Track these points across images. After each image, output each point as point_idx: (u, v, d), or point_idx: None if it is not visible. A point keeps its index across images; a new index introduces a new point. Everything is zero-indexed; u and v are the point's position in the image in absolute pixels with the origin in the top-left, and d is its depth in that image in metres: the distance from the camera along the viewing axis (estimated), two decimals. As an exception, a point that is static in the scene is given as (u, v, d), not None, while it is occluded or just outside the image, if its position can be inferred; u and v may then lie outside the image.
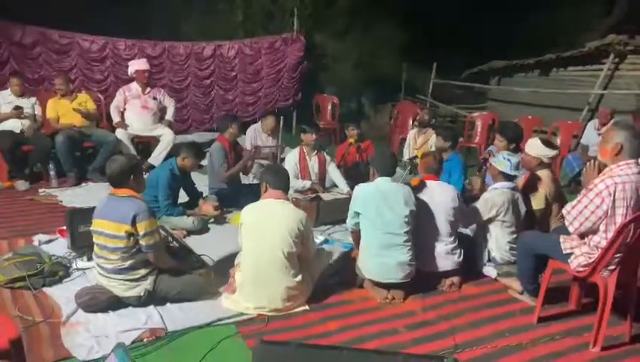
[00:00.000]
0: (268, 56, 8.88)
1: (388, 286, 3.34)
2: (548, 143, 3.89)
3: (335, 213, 4.68)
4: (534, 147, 3.86)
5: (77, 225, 3.62)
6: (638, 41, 7.02)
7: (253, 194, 4.57)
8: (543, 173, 3.85)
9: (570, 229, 2.83)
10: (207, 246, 3.81)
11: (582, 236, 2.87)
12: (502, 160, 3.62)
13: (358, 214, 3.38)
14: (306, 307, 3.17)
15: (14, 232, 4.18)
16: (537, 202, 3.81)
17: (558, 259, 2.97)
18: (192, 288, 3.12)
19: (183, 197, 4.70)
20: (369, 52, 10.79)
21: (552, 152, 3.85)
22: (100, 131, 6.02)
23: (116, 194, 2.97)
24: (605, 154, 2.76)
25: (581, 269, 2.85)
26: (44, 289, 3.20)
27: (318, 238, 4.20)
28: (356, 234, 3.54)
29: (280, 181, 3.20)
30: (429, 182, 3.69)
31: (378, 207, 3.28)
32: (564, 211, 2.88)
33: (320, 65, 10.17)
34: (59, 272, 3.34)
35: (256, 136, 6.15)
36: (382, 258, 3.28)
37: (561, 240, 2.95)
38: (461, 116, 9.82)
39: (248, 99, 8.94)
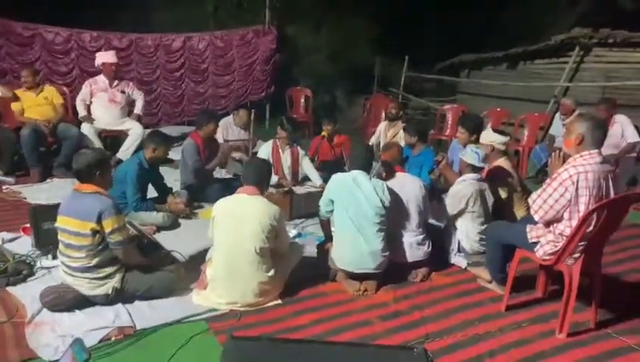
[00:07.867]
0: (239, 49, 8.76)
1: (361, 278, 3.36)
2: (499, 131, 4.14)
3: (308, 206, 4.67)
4: (486, 136, 4.12)
5: (41, 222, 3.51)
6: (602, 33, 7.14)
7: (225, 188, 4.53)
8: (504, 162, 4.01)
9: (536, 217, 2.89)
10: (178, 242, 3.76)
11: (547, 225, 2.93)
12: (470, 152, 3.71)
13: (332, 202, 3.40)
14: (279, 301, 3.16)
15: (-24, 231, 4.04)
16: (502, 191, 3.94)
17: (524, 248, 3.04)
18: (163, 285, 3.08)
19: (152, 192, 4.62)
20: (343, 44, 10.75)
21: (504, 138, 4.03)
22: (62, 125, 5.73)
23: (80, 190, 2.89)
24: (569, 145, 2.83)
25: (547, 257, 2.92)
26: (8, 288, 3.11)
27: (292, 232, 4.19)
28: (326, 224, 3.58)
29: (254, 176, 3.16)
30: (396, 174, 3.73)
31: (352, 195, 3.30)
32: (529, 200, 2.95)
33: (293, 57, 10.08)
34: (23, 271, 3.25)
35: (229, 129, 6.08)
36: (354, 246, 3.30)
37: (528, 229, 3.02)
38: (433, 109, 9.89)
39: (220, 91, 8.82)
